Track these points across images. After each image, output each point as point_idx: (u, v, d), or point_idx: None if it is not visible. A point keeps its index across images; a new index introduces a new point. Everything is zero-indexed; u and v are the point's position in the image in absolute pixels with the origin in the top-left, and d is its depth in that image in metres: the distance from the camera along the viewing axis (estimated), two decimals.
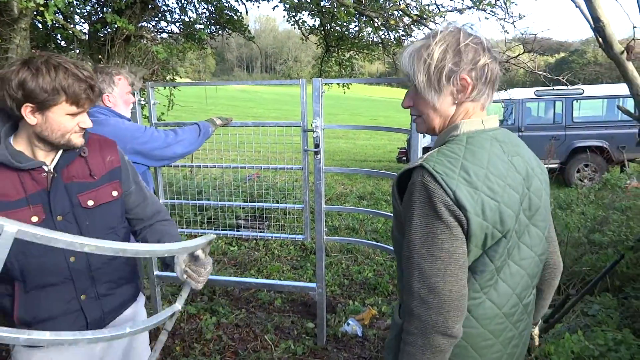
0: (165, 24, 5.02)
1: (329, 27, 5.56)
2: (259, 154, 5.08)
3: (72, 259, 1.25)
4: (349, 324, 2.94)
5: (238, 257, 4.30)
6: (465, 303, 0.93)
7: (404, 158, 9.07)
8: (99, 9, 4.09)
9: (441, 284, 0.90)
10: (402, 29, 4.73)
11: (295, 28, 5.58)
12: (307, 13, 5.23)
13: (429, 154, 0.96)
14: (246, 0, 5.05)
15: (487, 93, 1.01)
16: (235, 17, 4.94)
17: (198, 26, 4.79)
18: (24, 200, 1.17)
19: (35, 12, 2.77)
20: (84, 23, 4.20)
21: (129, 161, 1.45)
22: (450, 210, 0.88)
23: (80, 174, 1.27)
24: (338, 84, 5.67)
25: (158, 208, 1.48)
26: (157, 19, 4.88)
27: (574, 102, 7.71)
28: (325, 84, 2.51)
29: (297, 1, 4.73)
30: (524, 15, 4.35)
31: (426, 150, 1.97)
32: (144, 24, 4.37)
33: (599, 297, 2.77)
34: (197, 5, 4.95)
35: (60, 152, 1.25)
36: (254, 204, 2.95)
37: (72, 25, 3.62)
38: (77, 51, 3.80)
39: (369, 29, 5.36)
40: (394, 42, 5.24)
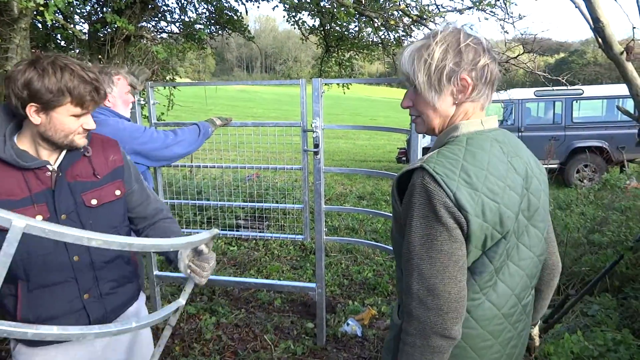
0: (165, 24, 5.02)
1: (328, 27, 5.56)
2: (258, 154, 5.08)
3: (76, 258, 1.26)
4: (348, 324, 2.94)
5: (238, 257, 4.30)
6: (464, 305, 0.93)
7: (404, 158, 9.07)
8: (99, 8, 4.09)
9: (440, 286, 0.90)
10: (402, 29, 4.72)
11: (295, 28, 5.57)
12: (307, 13, 5.22)
13: (429, 155, 0.96)
14: (246, 1, 5.05)
15: (487, 94, 1.01)
16: (235, 17, 4.93)
17: (198, 26, 4.79)
18: (29, 199, 1.18)
19: (35, 12, 2.77)
20: (83, 23, 4.19)
21: (131, 161, 1.45)
22: (450, 212, 0.88)
23: (84, 174, 1.28)
24: (338, 84, 5.66)
25: (160, 207, 1.49)
26: (157, 19, 4.88)
27: (574, 103, 7.72)
28: (325, 84, 2.52)
29: (297, 1, 4.73)
30: (524, 16, 4.35)
31: (426, 150, 1.97)
32: (144, 24, 4.37)
33: (598, 298, 2.77)
34: (197, 5, 4.95)
35: (64, 152, 1.26)
36: (253, 204, 2.95)
37: (72, 25, 3.61)
38: (77, 51, 3.80)
39: (369, 29, 5.36)
40: (394, 43, 5.24)
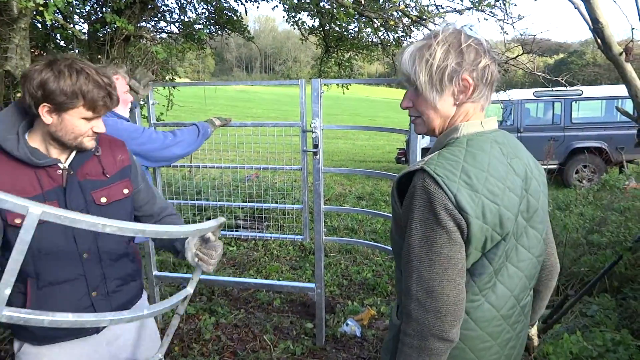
0: (165, 24, 5.01)
1: (328, 28, 5.56)
2: (258, 155, 5.08)
3: (86, 255, 1.28)
4: (347, 325, 2.94)
5: (237, 258, 4.30)
6: (463, 308, 0.93)
7: (403, 159, 9.08)
8: (99, 8, 4.09)
9: (439, 288, 0.90)
10: (402, 29, 4.72)
11: (294, 28, 5.57)
12: (307, 13, 5.22)
13: (430, 157, 0.96)
14: (246, 1, 5.05)
15: (487, 94, 1.01)
16: (235, 18, 4.93)
17: (197, 26, 4.78)
18: (41, 197, 1.20)
19: (35, 12, 2.77)
20: (83, 23, 4.19)
21: (137, 160, 1.48)
22: (451, 215, 0.88)
23: (94, 172, 1.31)
24: (337, 85, 5.66)
25: (165, 205, 1.53)
26: (157, 19, 4.88)
27: (573, 103, 7.73)
28: (325, 85, 2.52)
29: (297, 1, 4.72)
30: (523, 16, 4.35)
31: (425, 151, 1.98)
32: (144, 24, 4.36)
33: (597, 298, 2.78)
34: (197, 6, 4.95)
35: (74, 151, 1.28)
36: (253, 205, 2.95)
37: (72, 25, 3.61)
38: (77, 51, 3.79)
39: (369, 30, 5.36)
40: (393, 43, 5.23)
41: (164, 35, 4.99)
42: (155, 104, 2.78)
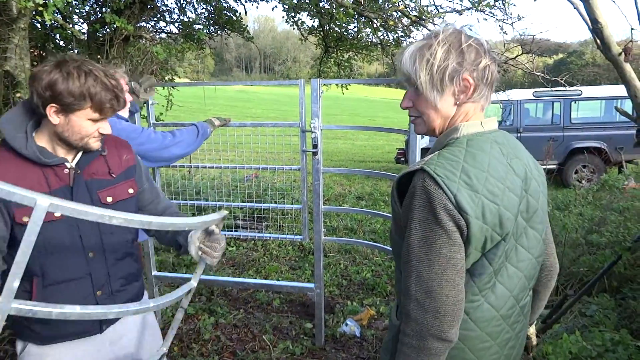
0: (164, 24, 5.01)
1: (328, 28, 5.56)
2: (257, 155, 5.08)
3: (91, 254, 1.29)
4: (347, 325, 2.94)
5: (236, 258, 4.30)
6: (462, 308, 0.93)
7: (403, 159, 9.08)
8: (98, 9, 4.09)
9: (438, 289, 0.90)
10: (401, 29, 4.72)
11: (294, 28, 5.58)
12: (306, 13, 5.23)
13: (430, 157, 0.96)
14: (245, 1, 5.05)
15: (487, 95, 1.01)
16: (234, 18, 4.93)
17: (197, 26, 4.78)
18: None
19: (34, 12, 2.77)
20: (82, 23, 4.19)
21: (140, 160, 1.49)
22: (451, 215, 0.88)
23: (100, 172, 1.32)
24: (337, 85, 5.66)
25: (168, 204, 1.54)
26: (156, 19, 4.88)
27: (572, 103, 7.73)
28: (324, 85, 2.52)
29: (296, 2, 4.73)
30: (523, 17, 4.35)
31: (424, 151, 1.98)
32: (143, 24, 4.36)
33: (596, 298, 2.78)
34: (196, 6, 4.95)
35: (81, 151, 1.29)
36: (252, 205, 2.95)
37: (71, 25, 3.61)
38: (76, 51, 3.79)
39: (368, 30, 5.36)
40: (393, 43, 5.24)
41: (164, 35, 4.99)
42: (154, 104, 2.78)
